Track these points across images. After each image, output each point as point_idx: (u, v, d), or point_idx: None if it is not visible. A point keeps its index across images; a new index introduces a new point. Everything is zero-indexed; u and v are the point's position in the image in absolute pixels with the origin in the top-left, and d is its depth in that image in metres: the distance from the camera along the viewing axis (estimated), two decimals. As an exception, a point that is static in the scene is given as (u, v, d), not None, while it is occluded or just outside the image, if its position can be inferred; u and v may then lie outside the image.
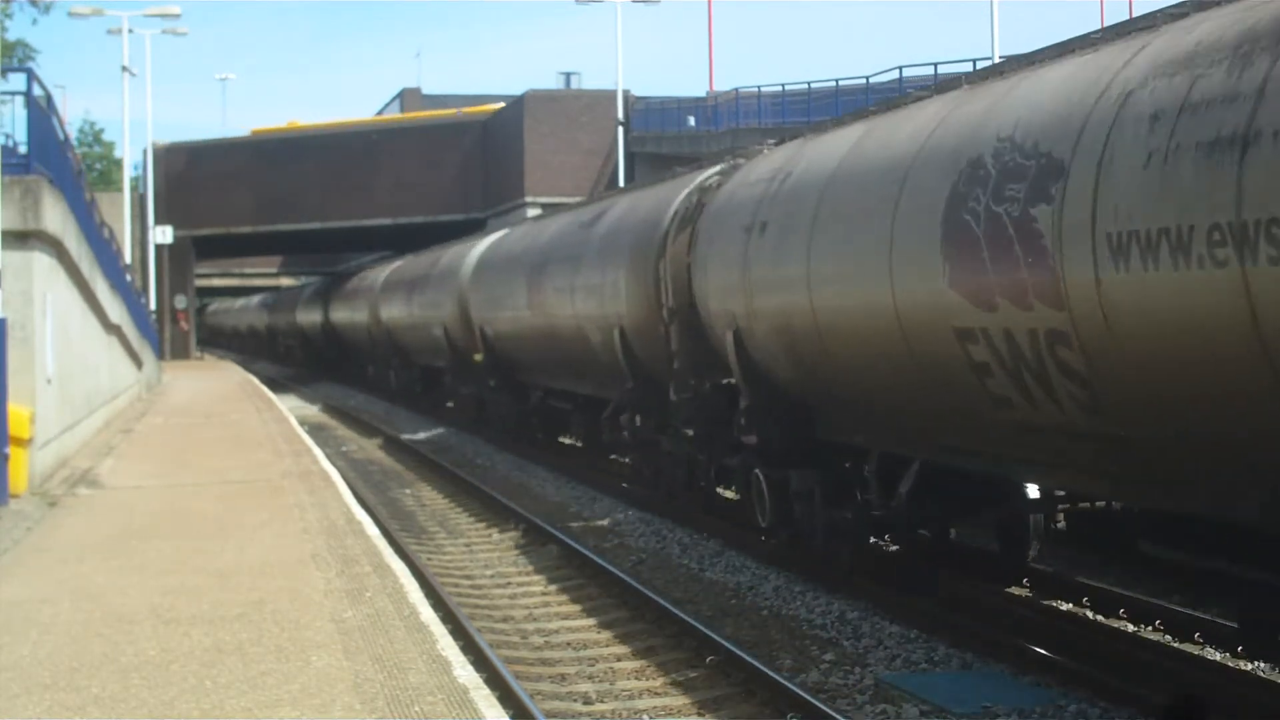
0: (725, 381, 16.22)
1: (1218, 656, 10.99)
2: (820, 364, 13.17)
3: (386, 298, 43.14)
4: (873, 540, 13.99)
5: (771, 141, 16.83)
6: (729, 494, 18.50)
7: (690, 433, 17.38)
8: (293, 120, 75.58)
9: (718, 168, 17.99)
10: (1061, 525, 13.01)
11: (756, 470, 14.96)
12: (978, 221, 9.71)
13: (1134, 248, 8.14)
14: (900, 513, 12.50)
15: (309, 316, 63.07)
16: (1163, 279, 7.96)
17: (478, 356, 29.98)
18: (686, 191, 18.07)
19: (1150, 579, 13.07)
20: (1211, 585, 11.87)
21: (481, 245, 31.95)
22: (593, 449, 24.61)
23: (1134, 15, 10.91)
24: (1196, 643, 11.37)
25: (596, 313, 20.57)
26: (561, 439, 28.29)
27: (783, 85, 48.12)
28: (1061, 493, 12.03)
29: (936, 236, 10.28)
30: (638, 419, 20.01)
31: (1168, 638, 11.57)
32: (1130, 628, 11.98)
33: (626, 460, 21.85)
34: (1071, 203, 8.73)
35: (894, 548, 14.04)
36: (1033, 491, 12.26)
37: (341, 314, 53.70)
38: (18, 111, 21.02)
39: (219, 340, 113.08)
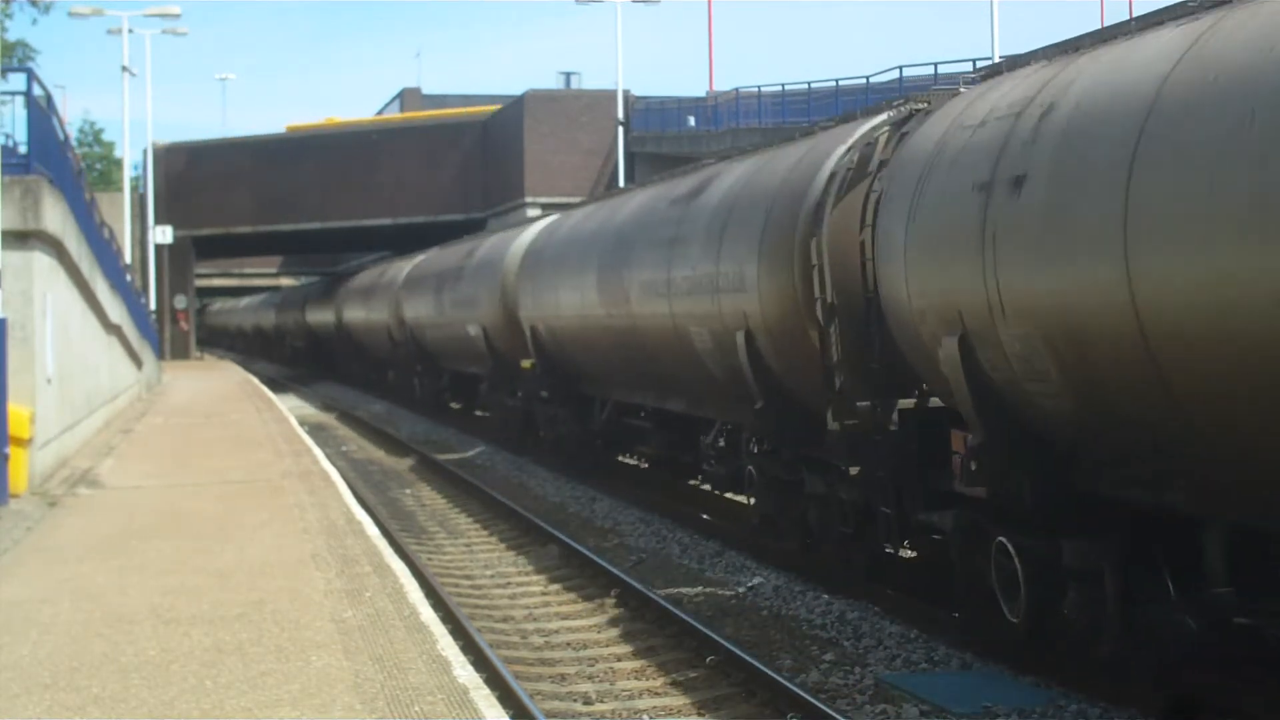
0: (909, 404, 12.08)
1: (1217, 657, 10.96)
2: (1136, 387, 8.57)
3: (410, 294, 39.17)
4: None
5: (973, 76, 12.32)
6: (906, 551, 13.88)
7: (856, 472, 12.85)
8: (330, 117, 75.87)
9: (884, 115, 13.54)
10: None
11: (1001, 538, 10.47)
12: None
13: None
14: None
15: (320, 316, 61.68)
16: None
17: (527, 363, 25.71)
18: (846, 146, 13.56)
19: None
20: None
21: (532, 231, 27.69)
22: (671, 475, 21.70)
23: (1133, 15, 10.59)
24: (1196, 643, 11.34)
25: (709, 310, 15.85)
26: (622, 458, 24.55)
27: (783, 85, 48.20)
28: None
29: None
30: (764, 448, 15.52)
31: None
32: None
33: (750, 500, 16.43)
34: None
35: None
36: None
37: (356, 313, 50.34)
38: (18, 111, 21.06)
39: (222, 341, 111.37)
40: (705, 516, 18.60)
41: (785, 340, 14.22)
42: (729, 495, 18.80)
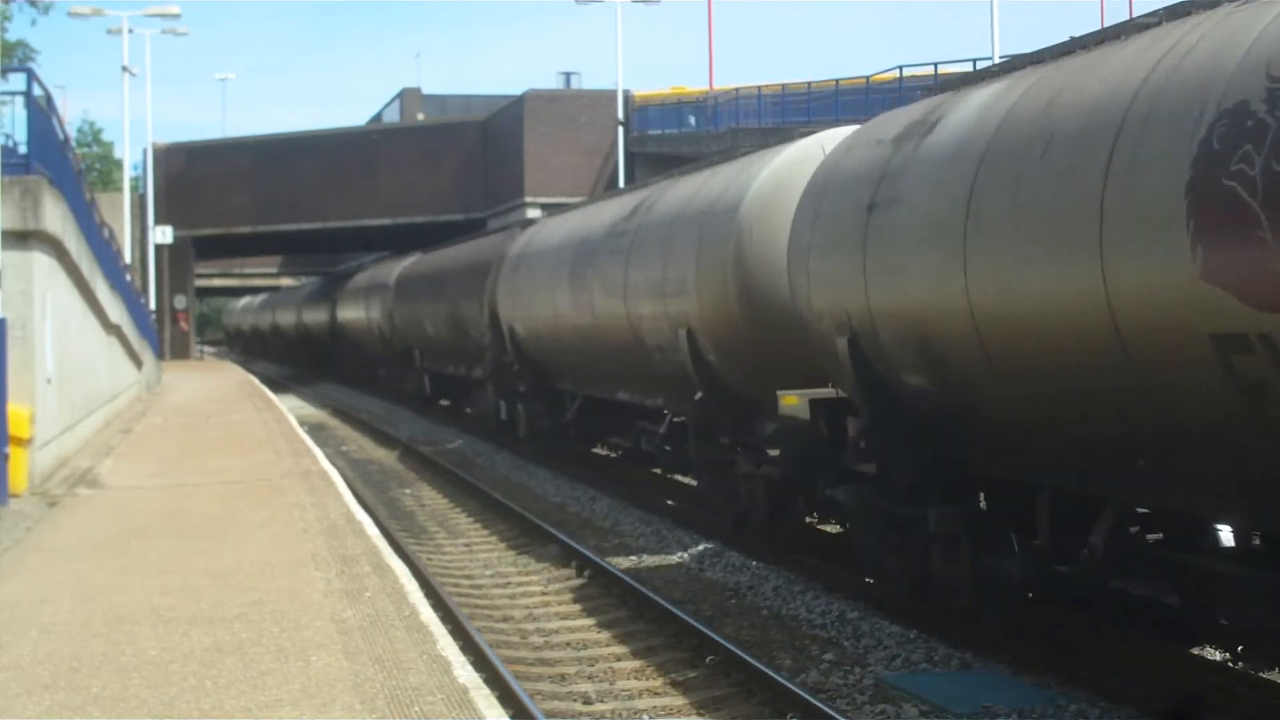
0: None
1: (1218, 656, 10.98)
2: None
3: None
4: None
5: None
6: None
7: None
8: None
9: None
10: None
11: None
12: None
13: None
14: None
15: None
16: None
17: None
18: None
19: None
20: None
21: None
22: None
23: (1133, 15, 10.67)
24: (1197, 642, 11.36)
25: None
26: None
27: (783, 85, 48.15)
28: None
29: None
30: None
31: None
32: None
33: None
34: None
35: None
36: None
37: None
38: (18, 111, 21.05)
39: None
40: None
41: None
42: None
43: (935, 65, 38.79)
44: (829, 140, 14.88)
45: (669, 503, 19.94)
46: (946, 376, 10.79)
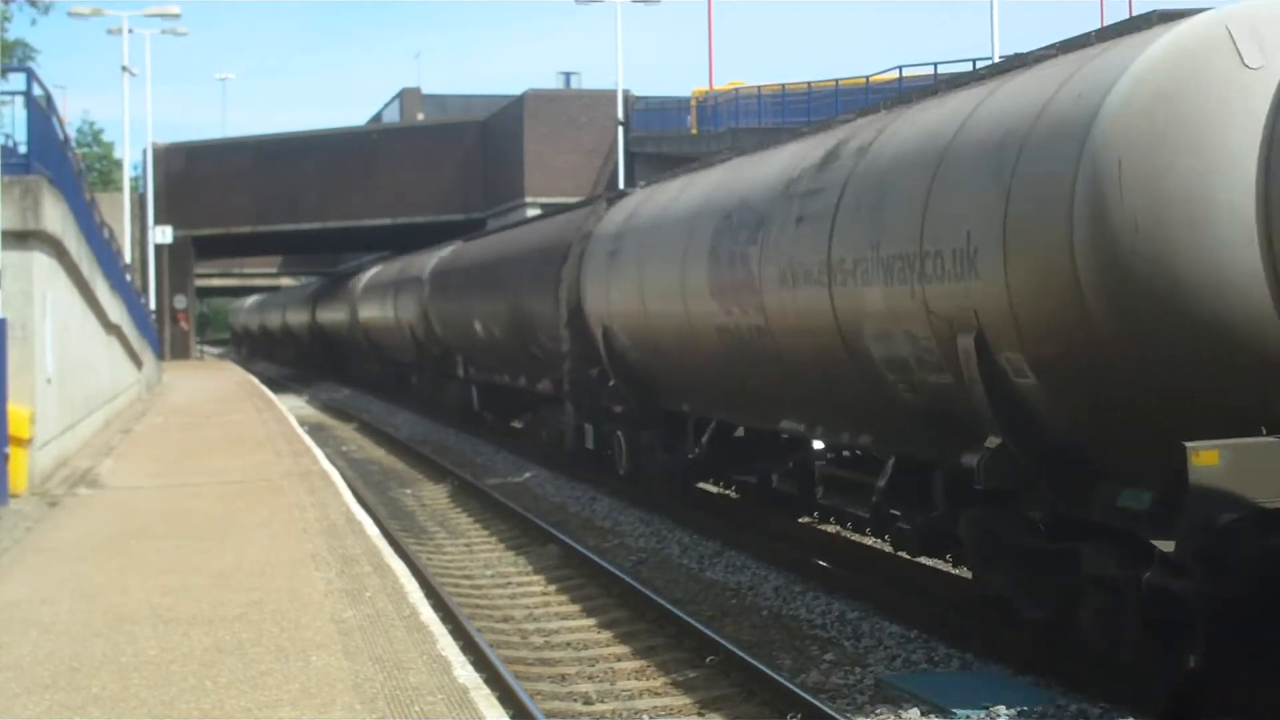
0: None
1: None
2: None
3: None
4: None
5: None
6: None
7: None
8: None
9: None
10: None
11: None
12: None
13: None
14: None
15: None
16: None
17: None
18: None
19: None
20: None
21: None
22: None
23: (1133, 15, 10.49)
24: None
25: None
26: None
27: (783, 85, 48.14)
28: None
29: None
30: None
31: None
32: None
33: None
34: None
35: None
36: None
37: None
38: (18, 111, 21.07)
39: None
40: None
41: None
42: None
43: (935, 65, 38.79)
44: (1235, 18, 9.23)
45: (819, 568, 14.44)
46: None
